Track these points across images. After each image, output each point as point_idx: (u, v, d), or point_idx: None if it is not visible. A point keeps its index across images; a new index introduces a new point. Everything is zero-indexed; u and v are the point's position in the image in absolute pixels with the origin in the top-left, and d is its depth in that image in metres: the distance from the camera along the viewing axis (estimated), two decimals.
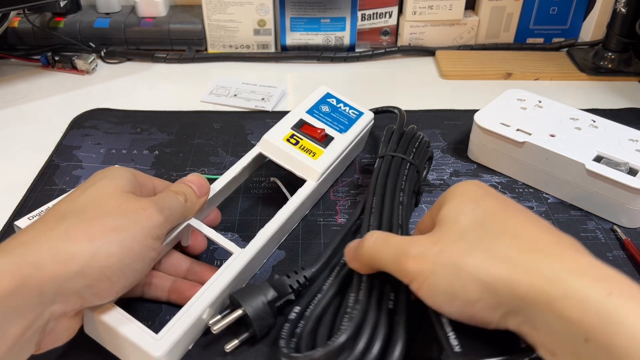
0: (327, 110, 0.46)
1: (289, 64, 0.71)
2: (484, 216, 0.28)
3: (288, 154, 0.42)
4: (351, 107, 0.48)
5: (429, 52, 0.72)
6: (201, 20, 0.70)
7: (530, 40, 0.74)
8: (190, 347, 0.34)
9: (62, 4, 0.69)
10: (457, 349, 0.27)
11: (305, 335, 0.31)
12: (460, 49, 0.72)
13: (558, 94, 0.64)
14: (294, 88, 0.65)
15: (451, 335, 0.27)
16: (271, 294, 0.34)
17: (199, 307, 0.32)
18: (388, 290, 0.32)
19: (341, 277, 0.34)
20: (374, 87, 0.65)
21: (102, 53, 0.70)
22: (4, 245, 0.27)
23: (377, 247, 0.31)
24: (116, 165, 0.32)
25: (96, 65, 0.68)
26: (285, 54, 0.71)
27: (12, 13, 0.70)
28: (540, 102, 0.52)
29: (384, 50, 0.71)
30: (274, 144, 0.42)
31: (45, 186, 0.48)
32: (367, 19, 0.71)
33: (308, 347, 0.31)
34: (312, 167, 0.41)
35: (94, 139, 0.54)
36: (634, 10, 0.63)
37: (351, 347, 0.29)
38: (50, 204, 0.41)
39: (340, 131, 0.45)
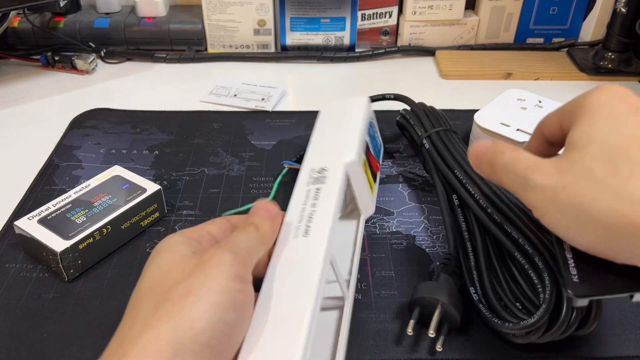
0: (370, 137, 0.42)
1: (289, 64, 0.71)
2: (617, 147, 0.26)
3: (363, 184, 0.37)
4: (379, 136, 0.45)
5: (429, 52, 0.72)
6: (201, 20, 0.70)
7: (530, 40, 0.74)
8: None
9: (62, 4, 0.69)
10: (575, 279, 0.25)
11: (501, 308, 0.33)
12: (460, 49, 0.72)
13: (558, 94, 0.63)
14: (294, 88, 0.65)
15: (571, 263, 0.26)
16: (455, 282, 0.35)
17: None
18: (538, 233, 0.33)
19: (481, 251, 0.36)
20: (374, 87, 0.65)
21: (102, 53, 0.70)
22: None
23: (506, 164, 0.29)
24: (168, 236, 0.31)
25: (96, 65, 0.68)
26: (285, 54, 0.71)
27: (12, 13, 0.70)
28: (540, 102, 0.52)
29: (384, 50, 0.71)
30: (358, 171, 0.37)
31: (45, 186, 0.48)
32: (367, 19, 0.71)
33: (509, 314, 0.32)
34: (371, 204, 0.38)
35: (93, 139, 0.54)
36: (634, 10, 0.63)
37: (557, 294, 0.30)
38: (50, 204, 0.41)
39: (377, 160, 0.43)
